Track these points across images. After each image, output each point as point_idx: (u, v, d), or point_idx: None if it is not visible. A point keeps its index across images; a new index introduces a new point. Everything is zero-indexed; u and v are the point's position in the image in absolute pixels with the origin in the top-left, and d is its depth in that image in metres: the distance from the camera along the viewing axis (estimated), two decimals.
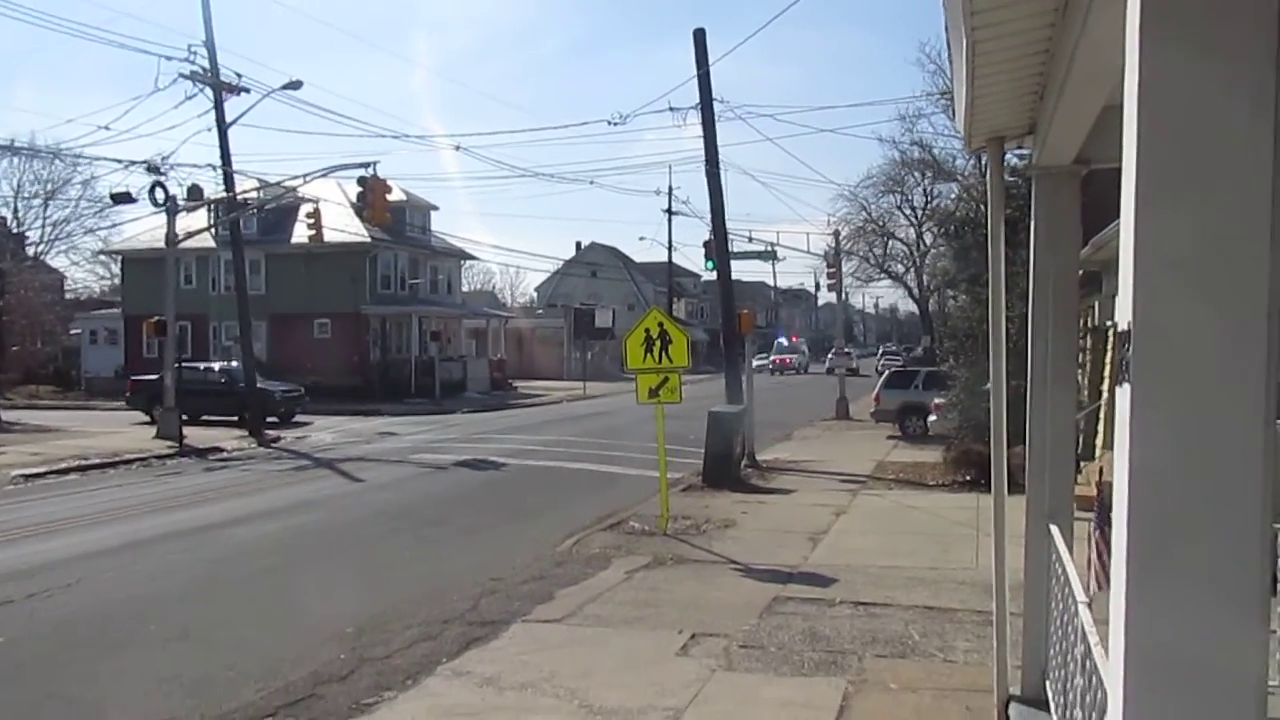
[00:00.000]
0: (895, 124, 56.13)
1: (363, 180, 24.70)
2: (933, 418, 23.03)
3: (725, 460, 17.42)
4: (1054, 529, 5.20)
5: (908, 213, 53.89)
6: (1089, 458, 14.02)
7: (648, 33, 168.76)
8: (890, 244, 57.18)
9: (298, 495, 16.92)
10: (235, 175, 29.00)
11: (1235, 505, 1.84)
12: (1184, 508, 1.86)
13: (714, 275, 24.17)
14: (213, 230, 35.13)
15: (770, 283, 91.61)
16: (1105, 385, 13.94)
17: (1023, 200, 6.31)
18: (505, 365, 53.77)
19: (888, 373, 30.40)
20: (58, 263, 60.69)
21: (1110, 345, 13.37)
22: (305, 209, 29.14)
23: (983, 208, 19.61)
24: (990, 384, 6.05)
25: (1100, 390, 14.67)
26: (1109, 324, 13.81)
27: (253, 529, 13.84)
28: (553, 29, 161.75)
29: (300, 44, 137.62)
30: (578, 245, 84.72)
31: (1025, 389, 5.59)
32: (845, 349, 47.17)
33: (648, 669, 7.45)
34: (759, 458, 20.02)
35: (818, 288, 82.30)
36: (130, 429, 27.72)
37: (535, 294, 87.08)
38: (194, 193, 29.07)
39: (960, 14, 3.43)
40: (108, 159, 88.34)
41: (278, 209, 38.89)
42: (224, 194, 29.46)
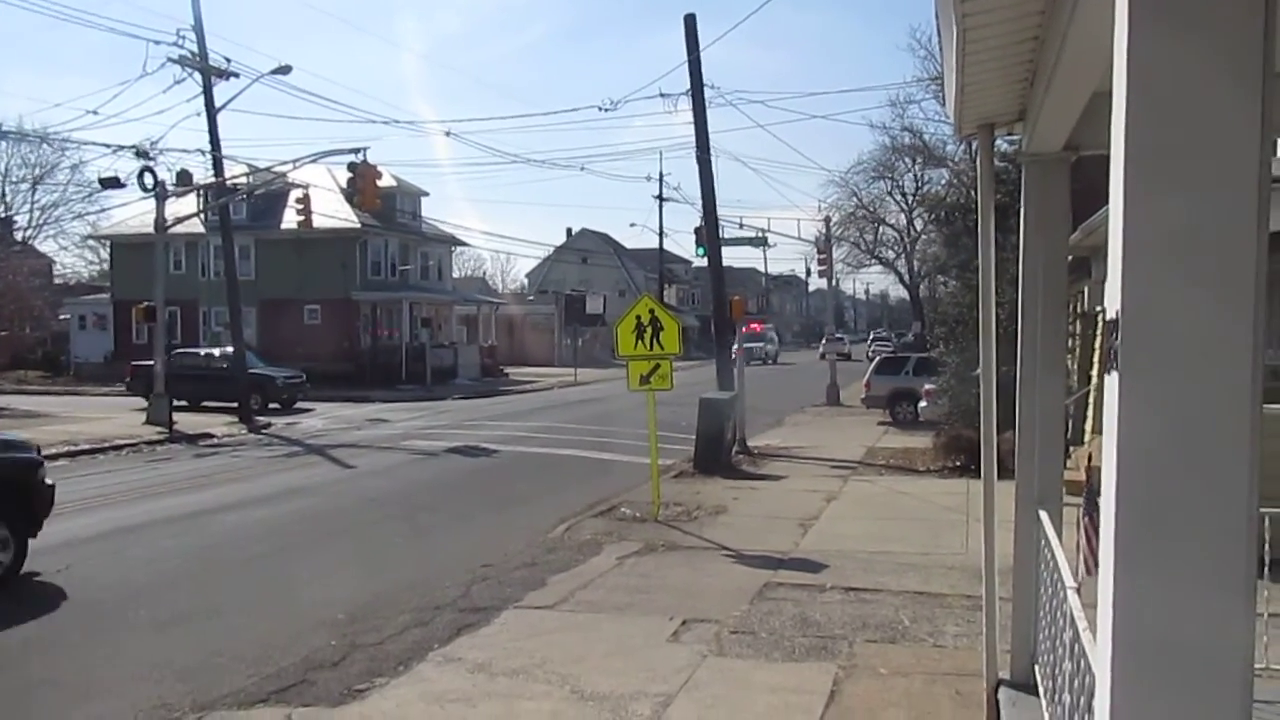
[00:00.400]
0: (886, 110, 56.53)
1: (353, 166, 24.63)
2: (923, 404, 23.07)
3: (716, 446, 17.45)
4: (1043, 514, 5.22)
5: (898, 199, 54.02)
6: (1078, 442, 14.10)
7: (638, 17, 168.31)
8: (881, 230, 57.34)
9: (289, 482, 16.91)
10: (225, 160, 28.89)
11: (1222, 490, 1.85)
12: (1171, 492, 1.87)
13: (705, 261, 24.17)
14: (202, 216, 34.96)
15: (761, 269, 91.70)
16: (1094, 370, 14.00)
17: (1013, 186, 6.33)
18: (496, 352, 53.71)
19: (878, 359, 30.42)
20: (46, 247, 60.57)
21: (1099, 331, 13.42)
22: (295, 194, 29.08)
23: (973, 194, 19.64)
24: (980, 370, 6.06)
25: (1089, 375, 14.74)
26: (1098, 309, 13.84)
27: (243, 515, 13.83)
28: (543, 13, 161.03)
29: (289, 28, 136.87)
30: (568, 231, 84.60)
31: (1015, 375, 5.60)
32: (837, 335, 47.21)
33: (639, 655, 7.48)
34: (750, 444, 20.07)
35: (809, 274, 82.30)
36: (120, 414, 27.62)
37: (526, 280, 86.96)
38: (183, 178, 28.93)
39: (950, 1, 3.43)
40: (96, 143, 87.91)
41: (267, 195, 38.78)
42: (213, 179, 29.33)
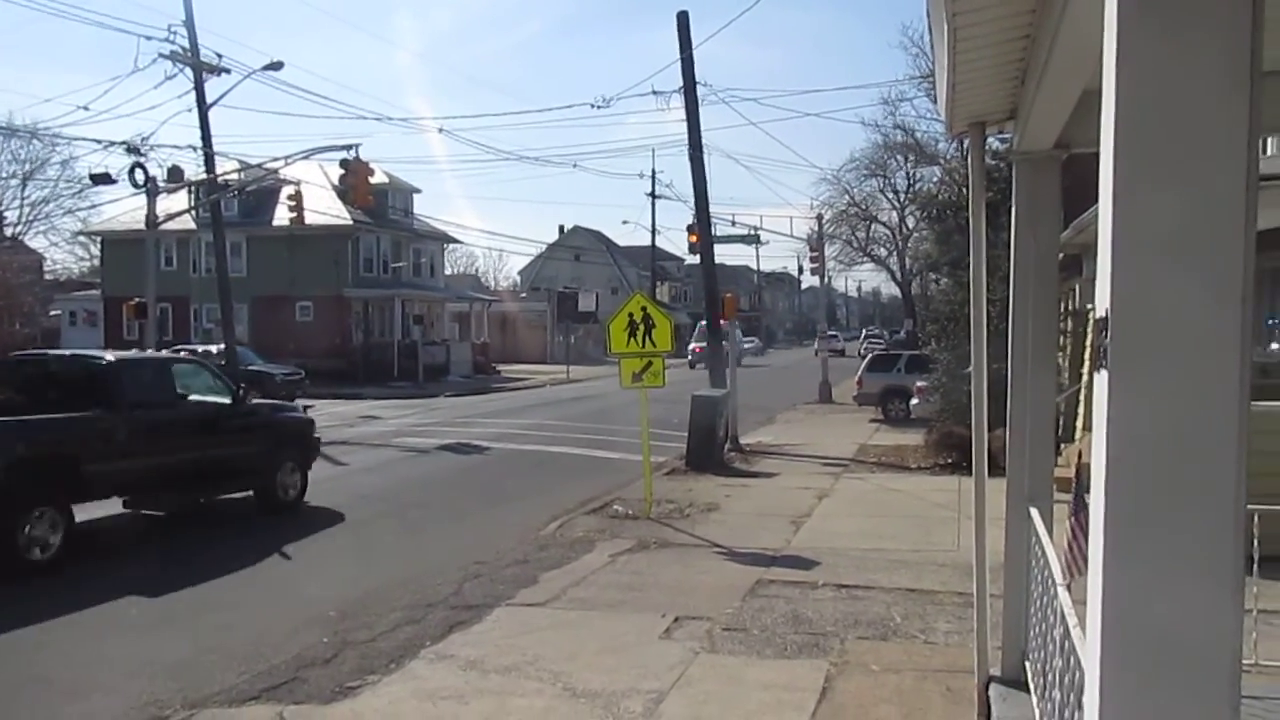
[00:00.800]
0: (878, 108, 56.35)
1: (345, 163, 24.54)
2: (915, 401, 23.12)
3: (709, 444, 17.47)
4: (1034, 511, 5.24)
5: (890, 196, 54.01)
6: (1069, 440, 14.14)
7: (632, 14, 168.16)
8: (873, 228, 57.31)
9: None
10: (216, 157, 28.76)
11: (1211, 486, 1.86)
12: (1161, 488, 1.88)
13: (697, 259, 24.17)
14: (193, 212, 34.82)
15: (754, 266, 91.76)
16: (1085, 368, 14.04)
17: (1005, 184, 6.33)
18: (488, 349, 53.68)
19: (870, 356, 30.48)
20: (36, 243, 60.31)
21: (1090, 328, 13.46)
22: (287, 191, 28.93)
23: (965, 191, 19.67)
24: (971, 367, 6.08)
25: (1080, 373, 14.78)
26: (1089, 307, 13.89)
27: (233, 512, 13.80)
28: (536, 10, 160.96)
29: (282, 24, 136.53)
30: (561, 229, 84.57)
31: (1006, 372, 5.62)
32: (831, 333, 47.27)
33: (631, 652, 7.49)
34: (742, 441, 20.08)
35: (801, 271, 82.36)
36: None
37: (518, 277, 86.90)
38: (174, 174, 28.81)
39: None
40: (87, 139, 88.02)
41: (259, 191, 38.63)
42: (205, 175, 29.21)
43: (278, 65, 27.47)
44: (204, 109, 27.71)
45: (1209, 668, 1.88)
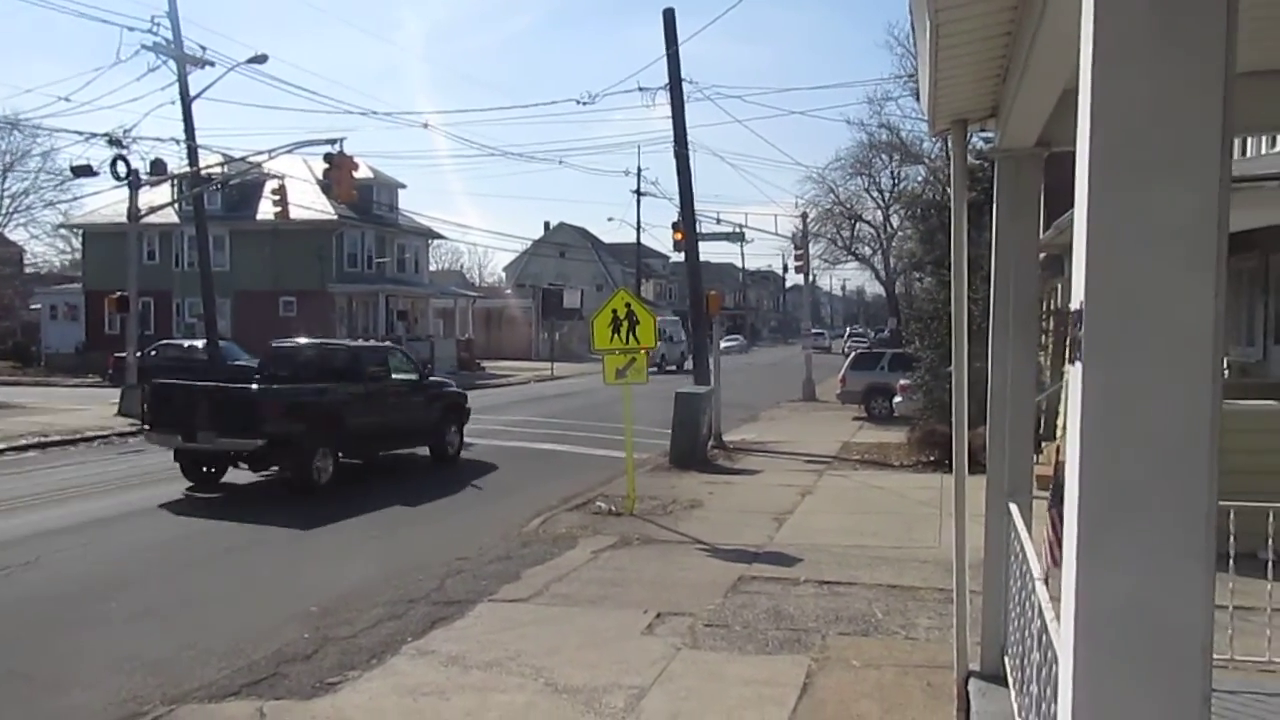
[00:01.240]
0: (864, 106, 56.83)
1: (329, 157, 24.46)
2: (898, 399, 23.21)
3: (692, 441, 17.50)
4: (1013, 508, 5.27)
5: (875, 195, 54.34)
6: (1050, 438, 14.21)
7: (618, 11, 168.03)
8: (858, 226, 57.65)
9: (261, 475, 16.76)
10: (200, 150, 28.64)
11: (1183, 479, 1.88)
12: (1133, 481, 1.90)
13: (682, 256, 24.18)
14: (176, 206, 34.70)
15: (738, 264, 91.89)
16: (1066, 366, 14.12)
17: (988, 183, 6.36)
18: (473, 345, 53.52)
19: (854, 354, 30.55)
20: (17, 236, 59.96)
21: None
22: (271, 185, 28.79)
23: (948, 190, 19.67)
24: (953, 365, 6.10)
25: (1062, 372, 14.86)
26: (1070, 306, 13.93)
27: (216, 507, 13.74)
28: (523, 6, 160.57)
29: (266, 17, 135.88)
30: (546, 225, 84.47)
31: (987, 370, 5.64)
32: (816, 330, 47.32)
33: (613, 648, 7.50)
34: (726, 438, 20.11)
35: (785, 269, 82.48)
36: (92, 406, 27.36)
37: (504, 274, 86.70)
38: (157, 167, 28.61)
39: None
40: (68, 131, 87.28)
41: (243, 185, 38.50)
42: (188, 169, 29.06)
43: (262, 58, 27.37)
44: (187, 102, 27.56)
45: (1181, 659, 1.90)
